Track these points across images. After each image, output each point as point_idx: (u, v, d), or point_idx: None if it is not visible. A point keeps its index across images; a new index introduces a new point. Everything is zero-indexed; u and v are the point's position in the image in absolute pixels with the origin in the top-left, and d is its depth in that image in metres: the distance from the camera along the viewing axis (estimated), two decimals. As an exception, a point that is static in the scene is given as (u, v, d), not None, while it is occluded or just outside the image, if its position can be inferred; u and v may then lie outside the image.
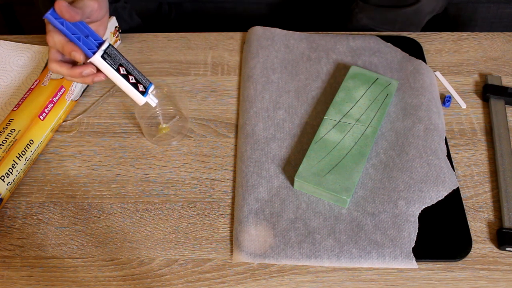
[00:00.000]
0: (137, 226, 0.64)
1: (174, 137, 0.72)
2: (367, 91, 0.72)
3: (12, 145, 0.65)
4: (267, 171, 0.67)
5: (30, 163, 0.68)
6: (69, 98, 0.74)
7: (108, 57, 0.59)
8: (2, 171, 0.63)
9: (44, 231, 0.63)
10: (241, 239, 0.61)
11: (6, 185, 0.64)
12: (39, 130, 0.69)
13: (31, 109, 0.69)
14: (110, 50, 0.60)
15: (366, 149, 0.66)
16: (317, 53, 0.80)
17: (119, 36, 0.84)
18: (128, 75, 0.61)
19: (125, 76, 0.61)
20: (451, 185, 0.65)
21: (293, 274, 0.60)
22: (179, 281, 0.59)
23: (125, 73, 0.61)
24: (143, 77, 0.64)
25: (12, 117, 0.68)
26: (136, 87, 0.62)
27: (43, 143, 0.70)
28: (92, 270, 0.60)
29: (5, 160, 0.64)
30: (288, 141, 0.70)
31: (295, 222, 0.62)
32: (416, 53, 0.80)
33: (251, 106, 0.73)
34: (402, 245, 0.60)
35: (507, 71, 0.79)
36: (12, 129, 0.66)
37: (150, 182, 0.68)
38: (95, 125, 0.74)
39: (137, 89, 0.62)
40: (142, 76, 0.63)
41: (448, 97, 0.75)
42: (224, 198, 0.66)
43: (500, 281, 0.59)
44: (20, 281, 0.60)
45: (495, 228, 0.63)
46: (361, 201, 0.64)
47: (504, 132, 0.71)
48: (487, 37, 0.84)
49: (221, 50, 0.84)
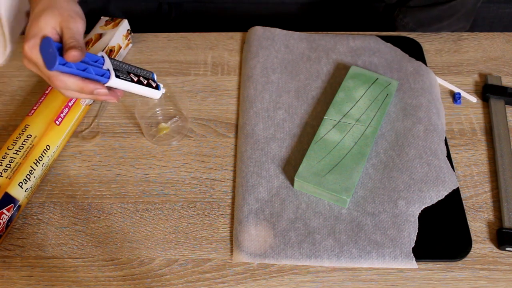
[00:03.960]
0: (137, 226, 0.64)
1: (174, 137, 0.72)
2: (367, 91, 0.72)
3: (29, 151, 0.64)
4: (267, 171, 0.67)
5: (46, 169, 0.67)
6: (84, 103, 0.73)
7: (118, 71, 0.59)
8: (20, 177, 0.62)
9: (44, 231, 0.63)
10: (241, 239, 0.61)
11: (24, 191, 0.63)
12: (55, 135, 0.68)
13: (46, 114, 0.68)
14: (114, 64, 0.59)
15: (366, 149, 0.66)
16: (317, 53, 0.80)
17: (131, 39, 0.83)
18: (140, 78, 0.61)
19: (139, 82, 0.61)
20: (451, 185, 0.65)
21: (293, 274, 0.60)
22: (179, 281, 0.59)
23: (136, 78, 0.61)
24: (145, 71, 0.64)
25: (27, 122, 0.67)
26: (150, 86, 0.62)
27: (59, 149, 0.70)
28: (92, 270, 0.60)
29: (22, 166, 0.63)
30: (288, 141, 0.70)
31: (295, 222, 0.62)
32: (416, 53, 0.80)
33: (251, 106, 0.73)
34: (402, 245, 0.60)
35: (507, 71, 0.79)
36: (28, 135, 0.66)
37: (150, 182, 0.68)
38: (95, 125, 0.74)
39: (151, 87, 0.62)
40: (144, 71, 0.63)
41: (458, 94, 0.75)
42: (224, 198, 0.66)
43: (500, 281, 0.59)
44: (20, 281, 0.60)
45: (495, 228, 0.63)
46: (361, 201, 0.64)
47: (504, 132, 0.71)
48: (487, 37, 0.84)
49: (221, 50, 0.84)
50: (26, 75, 0.80)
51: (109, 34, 0.78)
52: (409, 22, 0.92)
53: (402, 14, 0.92)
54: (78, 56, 0.54)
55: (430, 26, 0.91)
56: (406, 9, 0.91)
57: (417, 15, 0.91)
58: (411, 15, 0.91)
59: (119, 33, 0.79)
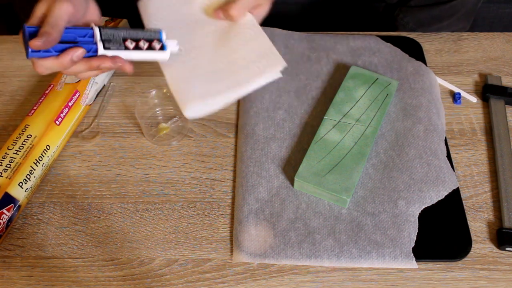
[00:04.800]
0: (137, 226, 0.64)
1: (174, 137, 0.72)
2: (367, 91, 0.72)
3: (29, 151, 0.64)
4: (267, 171, 0.67)
5: (46, 169, 0.67)
6: (84, 103, 0.73)
7: (109, 42, 0.57)
8: (20, 177, 0.62)
9: (44, 231, 0.63)
10: (241, 239, 0.61)
11: (24, 191, 0.63)
12: (55, 135, 0.68)
13: (46, 114, 0.68)
14: (106, 34, 0.57)
15: (366, 149, 0.66)
16: (317, 53, 0.80)
17: None
18: (138, 43, 0.58)
19: (137, 47, 0.58)
20: (451, 185, 0.65)
21: (293, 274, 0.60)
22: (179, 281, 0.59)
23: (134, 44, 0.58)
24: (149, 32, 0.60)
25: (27, 122, 0.67)
26: (152, 48, 0.58)
27: (59, 149, 0.70)
28: (92, 270, 0.60)
29: (22, 166, 0.63)
30: (288, 141, 0.70)
31: (295, 222, 0.62)
32: (416, 53, 0.80)
33: (251, 106, 0.73)
34: (402, 245, 0.60)
35: (507, 71, 0.79)
36: (28, 135, 0.66)
37: (150, 182, 0.68)
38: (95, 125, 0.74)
39: (154, 49, 0.59)
40: (147, 33, 0.60)
41: (458, 94, 0.75)
42: (224, 198, 0.66)
43: (500, 281, 0.59)
44: (20, 281, 0.60)
45: (495, 228, 0.63)
46: (361, 201, 0.64)
47: (504, 132, 0.71)
48: (487, 37, 0.84)
49: (221, 50, 0.83)
50: (26, 75, 0.80)
51: None
52: (409, 22, 0.92)
53: (403, 14, 0.92)
54: (40, 45, 0.52)
55: (430, 26, 0.91)
56: (406, 9, 0.91)
57: (417, 15, 0.91)
58: (411, 15, 0.91)
59: None
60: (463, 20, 0.90)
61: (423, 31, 0.86)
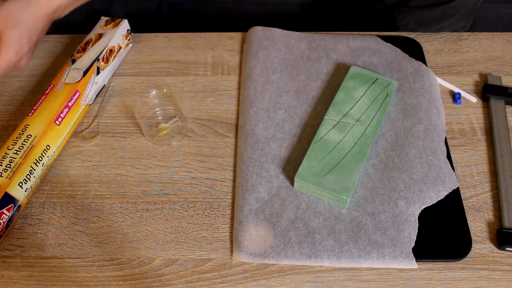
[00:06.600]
0: (137, 226, 0.64)
1: (174, 137, 0.72)
2: (367, 91, 0.72)
3: (29, 151, 0.64)
4: (267, 171, 0.67)
5: (46, 169, 0.67)
6: (84, 103, 0.73)
7: None
8: (20, 177, 0.62)
9: (44, 231, 0.63)
10: (241, 239, 0.61)
11: (24, 191, 0.63)
12: (55, 135, 0.68)
13: (46, 114, 0.68)
14: None
15: (366, 149, 0.66)
16: (317, 53, 0.80)
17: (131, 39, 0.83)
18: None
19: None
20: (451, 185, 0.65)
21: (293, 274, 0.60)
22: (179, 281, 0.59)
23: None
24: None
25: (27, 122, 0.67)
26: None
27: (59, 149, 0.70)
28: (92, 270, 0.60)
29: (22, 166, 0.63)
30: (288, 141, 0.70)
31: (295, 222, 0.62)
32: (416, 53, 0.80)
33: (251, 106, 0.73)
34: (402, 245, 0.60)
35: (507, 71, 0.79)
36: (28, 135, 0.66)
37: (150, 182, 0.68)
38: (95, 125, 0.74)
39: None
40: None
41: (458, 94, 0.75)
42: (224, 198, 0.66)
43: (500, 281, 0.59)
44: (20, 281, 0.60)
45: (495, 228, 0.63)
46: (361, 201, 0.64)
47: (504, 132, 0.71)
48: (487, 37, 0.84)
49: (221, 50, 0.84)
50: (26, 75, 0.81)
51: (109, 34, 0.78)
52: (409, 22, 0.92)
53: (402, 14, 0.92)
54: None
55: (431, 26, 0.91)
56: (406, 9, 0.91)
57: (417, 15, 0.91)
58: (411, 15, 0.91)
59: (119, 33, 0.79)
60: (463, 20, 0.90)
61: (423, 31, 0.86)
